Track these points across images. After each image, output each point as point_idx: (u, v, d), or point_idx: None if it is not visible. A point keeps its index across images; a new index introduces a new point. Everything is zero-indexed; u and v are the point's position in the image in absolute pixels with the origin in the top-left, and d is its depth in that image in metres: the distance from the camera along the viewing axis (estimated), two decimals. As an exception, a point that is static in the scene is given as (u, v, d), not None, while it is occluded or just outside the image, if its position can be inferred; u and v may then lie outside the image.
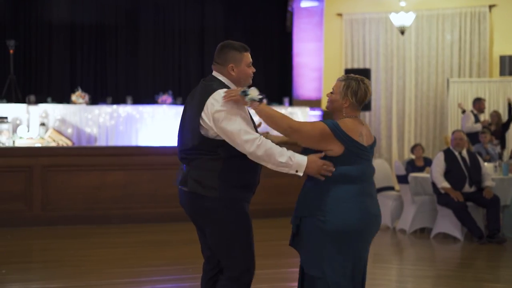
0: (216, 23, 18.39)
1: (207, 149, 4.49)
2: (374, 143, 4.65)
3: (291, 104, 16.28)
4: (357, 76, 4.64)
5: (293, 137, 4.57)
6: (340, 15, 16.76)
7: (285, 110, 15.37)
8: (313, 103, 16.07)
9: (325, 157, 4.41)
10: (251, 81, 4.68)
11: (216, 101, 4.43)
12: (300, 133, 4.45)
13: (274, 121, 4.48)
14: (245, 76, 4.65)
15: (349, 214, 4.35)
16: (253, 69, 4.69)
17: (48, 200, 11.10)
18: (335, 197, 4.37)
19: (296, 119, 13.47)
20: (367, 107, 14.04)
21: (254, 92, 4.44)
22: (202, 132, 4.47)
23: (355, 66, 16.33)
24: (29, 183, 11.00)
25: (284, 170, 4.43)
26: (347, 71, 14.52)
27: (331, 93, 4.63)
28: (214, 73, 4.69)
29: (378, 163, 11.58)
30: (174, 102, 15.17)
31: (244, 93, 4.40)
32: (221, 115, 4.39)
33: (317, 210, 4.42)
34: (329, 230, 4.35)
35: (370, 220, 4.46)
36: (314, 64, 16.42)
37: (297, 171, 4.41)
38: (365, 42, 16.76)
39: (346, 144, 4.38)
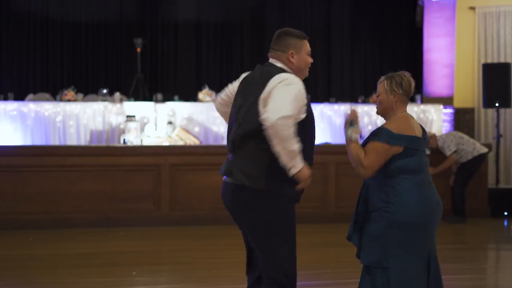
0: (343, 19, 18.02)
1: (259, 136, 4.33)
2: (424, 135, 4.77)
3: (422, 101, 15.73)
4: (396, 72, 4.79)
5: (368, 173, 4.61)
6: (473, 8, 16.05)
7: (417, 107, 14.83)
8: (445, 101, 15.46)
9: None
10: (307, 73, 4.63)
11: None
12: (373, 167, 4.57)
13: (352, 159, 4.62)
14: (304, 64, 4.59)
15: (413, 204, 4.50)
16: (311, 59, 4.64)
17: (176, 200, 11.02)
18: (397, 188, 4.52)
19: (429, 117, 12.97)
20: (507, 104, 13.33)
21: (355, 131, 4.60)
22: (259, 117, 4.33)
23: (489, 61, 15.59)
24: (157, 182, 10.94)
25: (290, 162, 4.26)
26: (484, 66, 13.89)
27: (378, 96, 4.77)
28: (272, 60, 4.63)
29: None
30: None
31: (347, 127, 4.62)
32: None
33: (381, 202, 4.56)
34: (395, 221, 4.50)
35: (434, 208, 4.60)
36: (446, 60, 15.80)
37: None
38: (500, 36, 15.99)
39: (404, 143, 4.54)
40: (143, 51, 15.48)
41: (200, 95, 14.33)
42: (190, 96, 15.08)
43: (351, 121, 4.63)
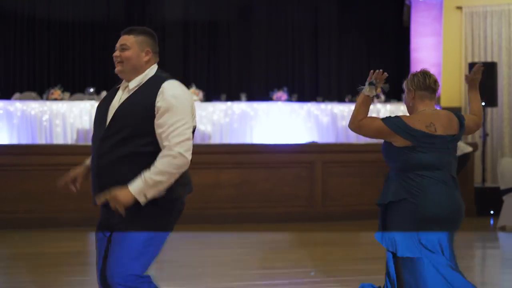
0: (330, 18, 18.02)
1: None
2: (456, 134, 4.72)
3: (409, 100, 15.75)
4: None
5: (352, 126, 4.71)
6: (459, 8, 16.08)
7: (403, 107, 14.84)
8: (432, 100, 15.51)
9: (393, 147, 4.65)
10: (118, 68, 4.31)
11: None
12: (362, 129, 4.67)
13: (355, 109, 4.69)
14: None
15: (436, 199, 4.54)
16: (116, 53, 4.36)
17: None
18: (420, 182, 4.54)
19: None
20: (493, 103, 13.36)
21: (371, 89, 4.67)
22: None
23: (476, 60, 15.59)
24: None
25: None
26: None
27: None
28: None
29: (508, 162, 11.03)
30: (289, 99, 14.87)
31: (367, 84, 4.70)
32: None
33: (406, 194, 4.56)
34: (421, 213, 4.53)
35: (453, 207, 4.66)
36: (433, 59, 15.82)
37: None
38: (487, 36, 16.01)
39: (411, 136, 4.55)
40: (130, 50, 15.41)
41: (187, 94, 14.30)
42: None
43: (372, 81, 4.67)
